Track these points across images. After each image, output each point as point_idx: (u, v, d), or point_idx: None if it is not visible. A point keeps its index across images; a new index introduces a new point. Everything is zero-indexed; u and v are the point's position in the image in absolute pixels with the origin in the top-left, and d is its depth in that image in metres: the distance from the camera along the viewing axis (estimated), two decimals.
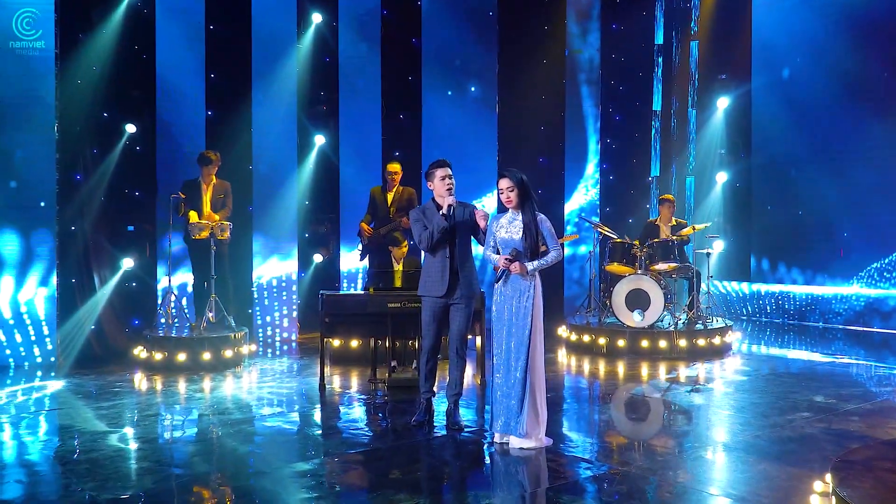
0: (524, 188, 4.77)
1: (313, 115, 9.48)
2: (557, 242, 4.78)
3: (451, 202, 5.07)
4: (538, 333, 4.74)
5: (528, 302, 4.72)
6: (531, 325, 4.70)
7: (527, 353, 4.69)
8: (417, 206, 5.35)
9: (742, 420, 5.37)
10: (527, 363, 4.68)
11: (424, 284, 5.20)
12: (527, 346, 4.69)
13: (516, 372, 4.71)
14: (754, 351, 8.51)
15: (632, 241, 8.34)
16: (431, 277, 5.16)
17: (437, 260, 5.15)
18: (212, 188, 7.87)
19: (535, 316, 4.72)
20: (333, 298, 6.48)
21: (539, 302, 4.76)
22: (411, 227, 5.25)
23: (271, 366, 7.60)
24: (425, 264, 5.24)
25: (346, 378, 7.06)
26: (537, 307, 4.74)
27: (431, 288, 5.16)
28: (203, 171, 7.83)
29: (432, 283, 5.15)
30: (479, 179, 10.27)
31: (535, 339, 4.72)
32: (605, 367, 7.55)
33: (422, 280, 5.23)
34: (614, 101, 11.44)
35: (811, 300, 10.44)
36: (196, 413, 5.77)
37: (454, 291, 5.14)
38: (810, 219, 10.43)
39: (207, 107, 8.85)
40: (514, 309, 4.76)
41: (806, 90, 10.43)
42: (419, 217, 5.18)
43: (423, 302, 5.24)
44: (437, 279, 5.13)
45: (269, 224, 9.10)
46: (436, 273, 5.14)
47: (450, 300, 5.16)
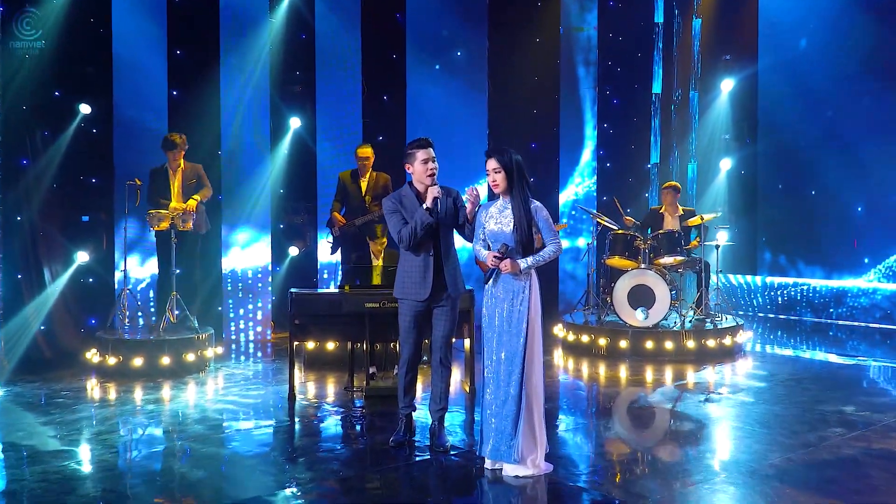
0: (514, 170, 4.07)
1: (288, 96, 8.72)
2: (556, 235, 4.11)
3: (437, 193, 4.36)
4: (535, 342, 4.05)
5: (522, 305, 4.03)
6: (526, 332, 4.01)
7: (521, 366, 4.00)
8: (392, 194, 4.60)
9: (768, 438, 4.71)
10: (521, 378, 3.99)
11: (403, 285, 4.50)
12: (521, 357, 4.00)
13: (509, 388, 4.02)
14: (768, 352, 7.86)
15: (634, 234, 7.65)
16: (411, 277, 4.46)
17: (419, 258, 4.45)
18: (181, 174, 7.13)
19: (531, 322, 4.03)
20: (304, 297, 5.76)
21: (536, 305, 4.07)
22: (386, 219, 4.52)
23: (239, 370, 6.88)
24: (403, 262, 4.53)
25: (321, 385, 6.36)
26: (534, 311, 4.05)
27: (411, 290, 4.45)
28: (169, 156, 7.10)
29: (412, 284, 4.45)
30: (467, 166, 9.55)
31: (531, 349, 4.03)
32: (606, 370, 6.89)
33: (399, 280, 4.53)
34: (612, 84, 10.74)
35: (823, 294, 9.80)
36: (147, 430, 5.06)
37: (438, 293, 4.45)
38: (821, 207, 9.78)
39: (171, 86, 8.08)
40: (507, 314, 4.07)
41: (817, 70, 9.74)
42: (396, 207, 4.46)
43: (400, 305, 4.55)
44: (418, 280, 4.43)
45: (239, 214, 8.36)
46: (416, 273, 4.44)
47: (433, 303, 4.47)
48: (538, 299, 4.07)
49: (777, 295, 10.23)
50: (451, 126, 9.45)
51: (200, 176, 7.19)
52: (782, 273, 10.26)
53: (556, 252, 4.09)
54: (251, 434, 4.98)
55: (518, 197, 4.06)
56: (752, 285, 10.51)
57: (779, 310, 10.18)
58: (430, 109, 9.38)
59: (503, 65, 9.85)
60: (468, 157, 9.52)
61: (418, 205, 4.43)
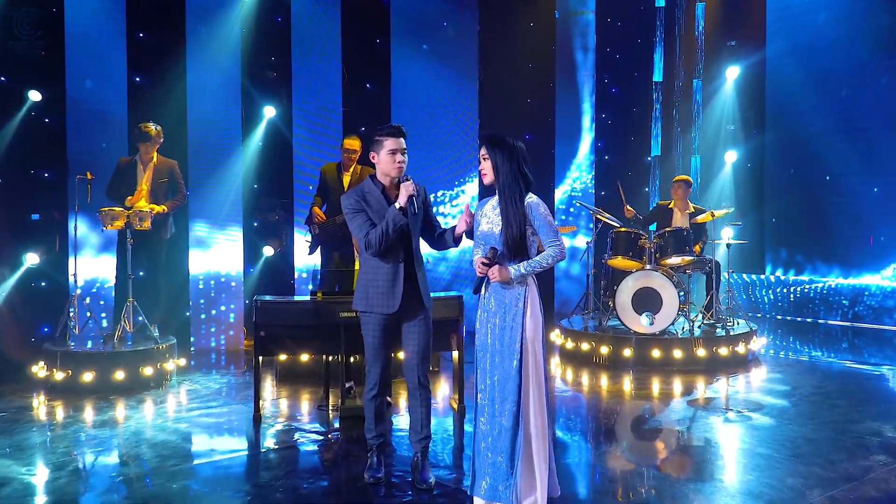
0: (504, 157, 3.40)
1: (261, 83, 8.02)
2: (557, 236, 3.40)
3: (412, 190, 3.71)
4: (533, 366, 3.36)
5: (515, 321, 3.37)
6: (521, 354, 3.34)
7: (517, 394, 3.33)
8: (353, 190, 3.92)
9: (803, 470, 4.07)
10: (517, 408, 3.33)
11: (366, 296, 3.85)
12: (516, 383, 3.33)
13: (501, 418, 3.37)
14: (784, 359, 7.23)
15: (639, 231, 7.00)
16: (377, 287, 3.81)
17: (387, 265, 3.81)
18: (152, 170, 6.45)
19: (527, 341, 3.36)
20: (270, 306, 5.09)
21: (533, 321, 3.38)
22: (347, 220, 3.85)
23: (203, 385, 6.20)
24: (366, 269, 3.88)
25: (294, 401, 5.70)
26: (530, 329, 3.37)
27: (378, 302, 3.81)
28: (141, 148, 6.43)
29: (378, 295, 3.81)
30: (456, 158, 8.91)
31: (527, 373, 3.35)
32: (608, 382, 6.26)
33: (360, 290, 3.87)
34: (610, 71, 10.10)
35: (837, 294, 9.19)
36: (86, 459, 4.38)
37: (409, 305, 3.82)
38: (834, 201, 9.16)
39: (132, 71, 7.38)
40: (498, 331, 3.41)
41: (829, 55, 9.12)
42: (360, 206, 3.80)
43: (364, 321, 3.89)
44: (385, 290, 3.79)
45: (209, 211, 7.67)
46: (384, 282, 3.80)
47: (403, 317, 3.84)
48: (537, 314, 3.39)
49: (788, 295, 9.62)
50: (439, 116, 8.81)
51: (174, 174, 6.52)
52: (793, 271, 9.65)
53: (557, 257, 3.39)
54: (204, 467, 4.31)
55: (507, 190, 3.39)
56: (760, 285, 9.89)
57: (790, 311, 9.56)
58: (416, 98, 8.72)
59: (495, 51, 9.20)
60: (457, 149, 8.89)
61: (385, 202, 3.78)
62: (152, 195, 6.37)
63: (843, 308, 9.10)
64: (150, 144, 6.36)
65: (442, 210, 8.89)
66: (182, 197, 6.55)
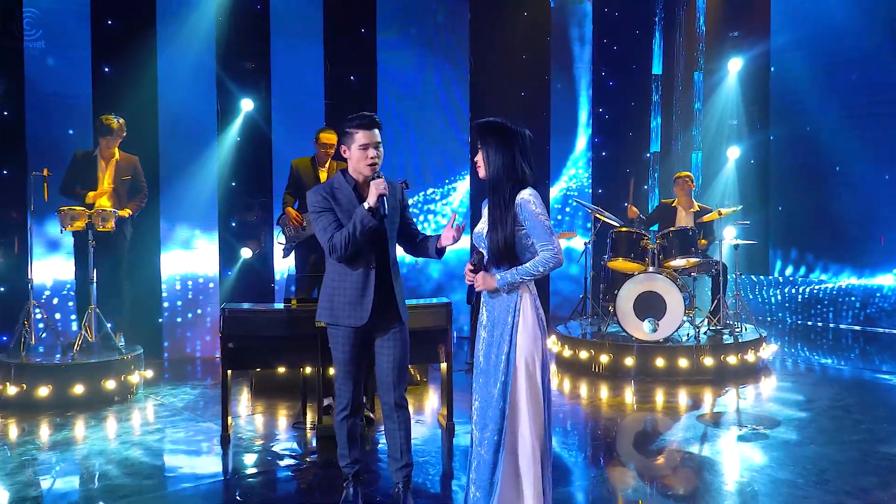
0: (497, 147, 2.92)
1: (238, 75, 7.53)
2: (551, 238, 2.90)
3: (382, 189, 3.25)
4: (527, 388, 2.85)
5: (503, 336, 2.89)
6: (507, 374, 2.86)
7: (499, 422, 2.84)
8: (321, 185, 3.46)
9: (833, 501, 3.63)
10: (499, 437, 2.83)
11: (331, 307, 3.39)
12: (499, 408, 2.85)
13: (481, 448, 2.89)
14: (795, 367, 6.80)
15: (640, 231, 6.56)
16: (343, 297, 3.36)
17: (355, 272, 3.35)
18: (114, 166, 5.97)
19: (515, 359, 2.86)
20: (239, 315, 4.61)
21: (526, 336, 2.88)
22: (312, 219, 3.40)
23: (172, 399, 5.72)
24: (332, 276, 3.42)
25: (270, 417, 5.24)
26: (522, 348, 2.87)
27: (344, 313, 3.36)
28: (102, 142, 5.95)
29: (345, 305, 3.35)
30: (446, 155, 8.46)
31: (516, 397, 2.85)
32: (608, 394, 5.81)
33: (325, 299, 3.42)
34: (608, 64, 9.67)
35: (847, 296, 8.77)
36: (31, 485, 3.90)
37: (381, 318, 3.37)
38: (842, 199, 8.74)
39: (99, 60, 6.88)
40: (485, 346, 2.96)
41: (838, 43, 8.68)
42: (327, 204, 3.34)
43: (330, 334, 3.44)
44: (353, 300, 3.34)
45: (182, 210, 7.18)
46: (351, 291, 3.34)
47: (375, 330, 3.39)
48: (533, 328, 2.90)
49: (795, 297, 9.20)
50: (428, 109, 8.36)
51: (137, 172, 6.04)
52: (799, 272, 9.23)
53: (550, 263, 2.87)
54: (161, 499, 3.83)
55: (495, 186, 2.91)
56: (765, 286, 9.48)
57: (798, 314, 9.15)
58: (404, 90, 8.27)
59: (487, 41, 8.74)
60: (448, 144, 8.44)
61: (357, 201, 3.33)
62: (115, 193, 5.90)
63: (854, 310, 8.68)
64: (113, 138, 5.88)
65: (432, 208, 8.43)
66: (144, 197, 6.07)
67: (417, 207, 8.34)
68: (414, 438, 4.64)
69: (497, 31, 8.86)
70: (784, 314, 9.30)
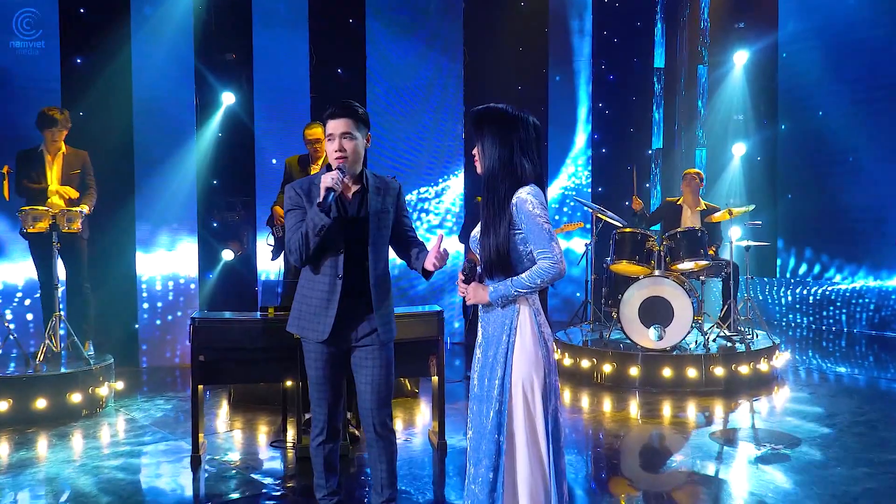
0: (493, 139, 2.53)
1: (218, 66, 7.13)
2: (550, 244, 2.46)
3: (330, 182, 2.86)
4: (525, 418, 2.44)
5: (497, 358, 2.49)
6: (501, 402, 2.45)
7: (494, 457, 2.45)
8: (300, 180, 3.08)
9: None
10: (494, 474, 2.44)
11: (298, 316, 3.05)
12: (493, 441, 2.45)
13: (474, 485, 2.51)
14: (810, 376, 6.42)
15: (645, 232, 6.17)
16: (309, 306, 3.00)
17: (322, 279, 2.98)
18: (61, 160, 5.55)
19: (510, 384, 2.46)
20: (210, 325, 4.21)
21: (524, 357, 2.47)
22: (285, 217, 3.03)
23: (142, 413, 5.31)
24: (302, 282, 3.07)
25: (249, 433, 4.84)
26: (520, 367, 2.46)
27: (308, 325, 3.00)
28: (46, 136, 5.52)
29: (311, 316, 3.00)
30: (440, 151, 8.06)
31: (512, 428, 2.45)
32: (612, 407, 5.43)
33: (294, 307, 3.07)
34: (608, 57, 9.29)
35: (860, 300, 8.40)
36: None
37: (354, 331, 2.99)
38: (854, 196, 8.37)
39: (68, 50, 6.47)
40: (479, 368, 2.57)
41: (850, 33, 8.31)
42: (299, 202, 2.98)
43: (303, 348, 3.09)
44: (317, 310, 2.98)
45: (159, 209, 6.78)
46: (317, 300, 2.98)
47: (351, 345, 3.02)
48: (532, 348, 2.48)
49: (806, 299, 8.83)
50: (419, 103, 7.97)
51: (86, 167, 5.62)
52: (810, 275, 8.86)
53: (550, 273, 2.44)
54: None
55: (489, 183, 2.53)
56: (774, 288, 9.10)
57: (809, 317, 8.77)
58: (395, 84, 7.87)
59: (482, 32, 8.35)
60: (441, 141, 8.04)
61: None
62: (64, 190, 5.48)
63: (868, 313, 8.31)
64: (57, 130, 5.46)
65: (425, 207, 8.03)
66: (94, 194, 5.63)
67: (410, 206, 7.95)
68: (402, 458, 4.27)
69: (493, 22, 8.48)
70: (793, 318, 8.93)
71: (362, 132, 2.99)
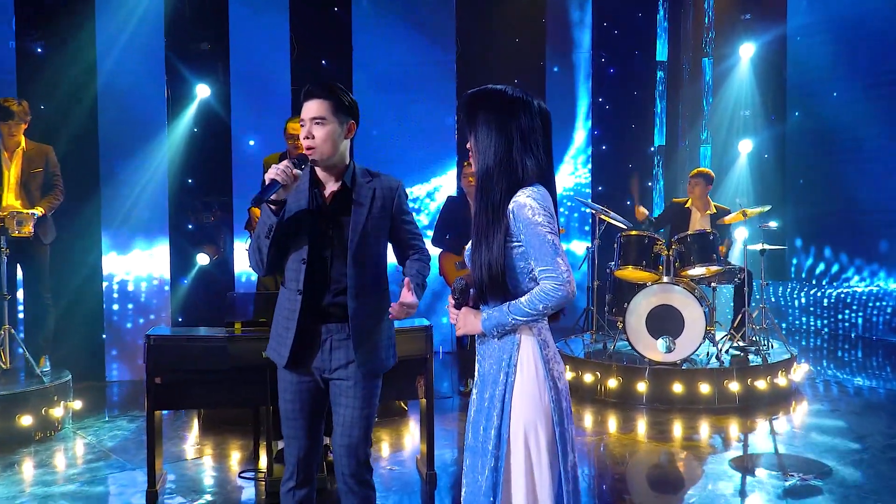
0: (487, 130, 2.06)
1: (191, 56, 6.62)
2: (555, 260, 1.96)
3: (273, 175, 2.38)
4: (524, 483, 1.95)
5: (493, 401, 2.00)
6: (499, 459, 1.96)
7: None
8: None
9: None
10: None
11: (272, 335, 2.63)
12: (489, 502, 1.96)
13: None
14: (831, 390, 5.95)
15: (654, 235, 5.70)
16: (277, 323, 2.60)
17: (289, 292, 2.55)
18: (20, 157, 5.05)
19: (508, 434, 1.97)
20: (167, 344, 3.71)
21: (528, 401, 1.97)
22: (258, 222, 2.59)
23: (101, 436, 4.81)
24: (279, 297, 2.63)
25: (219, 460, 4.36)
26: (522, 412, 1.97)
27: (275, 345, 2.59)
28: (2, 130, 5.01)
29: (276, 335, 2.60)
30: (432, 150, 7.58)
31: (509, 488, 1.96)
32: (618, 425, 4.96)
33: (272, 327, 2.64)
34: (608, 49, 8.81)
35: (877, 303, 7.95)
36: None
37: (325, 358, 2.53)
38: (868, 193, 7.93)
39: (23, 36, 5.97)
40: (474, 412, 2.08)
41: (863, 24, 7.86)
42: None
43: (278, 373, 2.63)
44: (282, 329, 2.57)
45: (126, 209, 6.28)
46: (282, 318, 2.57)
47: (325, 374, 2.55)
48: (538, 390, 1.98)
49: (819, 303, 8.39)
50: (410, 97, 7.46)
51: (50, 163, 5.12)
52: (825, 276, 8.42)
53: (554, 298, 1.94)
54: None
55: (482, 185, 2.05)
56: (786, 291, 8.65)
57: (823, 323, 8.32)
58: (383, 76, 7.37)
59: (475, 22, 7.86)
60: (432, 136, 7.55)
61: (306, 197, 2.54)
62: (24, 189, 4.97)
63: (885, 316, 7.86)
64: (15, 124, 4.95)
65: (415, 206, 7.55)
66: (60, 193, 5.13)
67: None
68: (388, 490, 3.79)
69: (487, 10, 8.00)
70: (806, 323, 8.48)
71: (341, 119, 2.52)
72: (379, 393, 2.61)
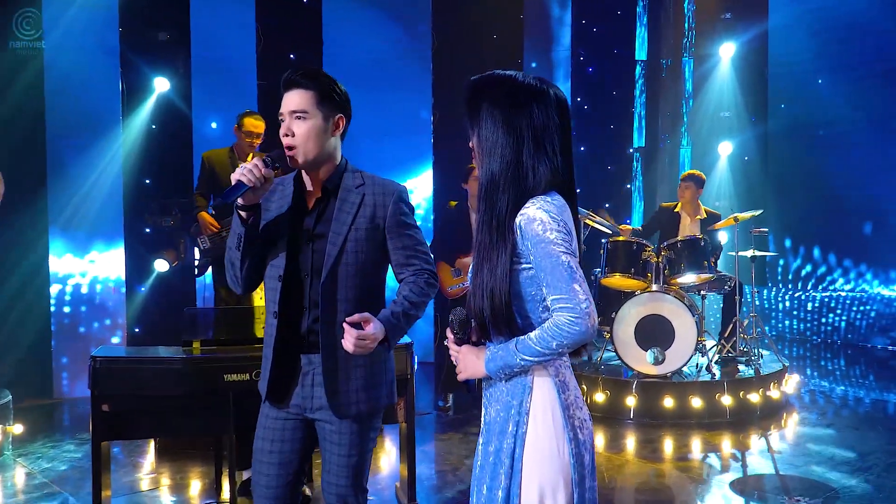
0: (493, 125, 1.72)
1: (148, 47, 6.15)
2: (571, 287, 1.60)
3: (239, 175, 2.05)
4: None
5: (499, 459, 1.66)
6: None
7: None
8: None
9: None
10: None
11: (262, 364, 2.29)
12: None
13: None
14: (824, 402, 5.74)
15: (642, 241, 5.43)
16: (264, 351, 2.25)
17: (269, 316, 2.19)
18: None
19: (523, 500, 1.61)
20: (115, 367, 3.30)
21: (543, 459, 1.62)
22: None
23: (43, 465, 4.36)
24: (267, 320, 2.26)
25: (176, 491, 3.98)
26: (533, 478, 1.61)
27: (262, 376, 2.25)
28: None
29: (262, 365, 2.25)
30: (408, 149, 7.24)
31: None
32: (605, 442, 4.68)
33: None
34: (586, 47, 8.55)
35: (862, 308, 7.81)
36: None
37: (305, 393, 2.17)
38: (850, 197, 7.81)
39: None
40: (479, 470, 1.73)
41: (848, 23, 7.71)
42: None
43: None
44: (263, 358, 2.24)
45: (79, 214, 5.82)
46: (265, 343, 2.23)
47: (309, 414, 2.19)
48: (556, 444, 1.63)
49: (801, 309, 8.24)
50: (384, 94, 7.09)
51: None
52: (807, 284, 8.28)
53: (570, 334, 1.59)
54: None
55: (485, 195, 1.71)
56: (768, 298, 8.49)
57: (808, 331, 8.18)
58: (355, 72, 6.96)
59: (453, 18, 7.53)
60: (407, 137, 7.20)
61: (289, 201, 2.19)
62: None
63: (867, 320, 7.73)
64: None
65: None
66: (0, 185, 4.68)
67: None
68: None
69: (464, 7, 7.67)
70: (791, 330, 8.33)
71: (327, 113, 2.14)
72: (375, 436, 2.25)
